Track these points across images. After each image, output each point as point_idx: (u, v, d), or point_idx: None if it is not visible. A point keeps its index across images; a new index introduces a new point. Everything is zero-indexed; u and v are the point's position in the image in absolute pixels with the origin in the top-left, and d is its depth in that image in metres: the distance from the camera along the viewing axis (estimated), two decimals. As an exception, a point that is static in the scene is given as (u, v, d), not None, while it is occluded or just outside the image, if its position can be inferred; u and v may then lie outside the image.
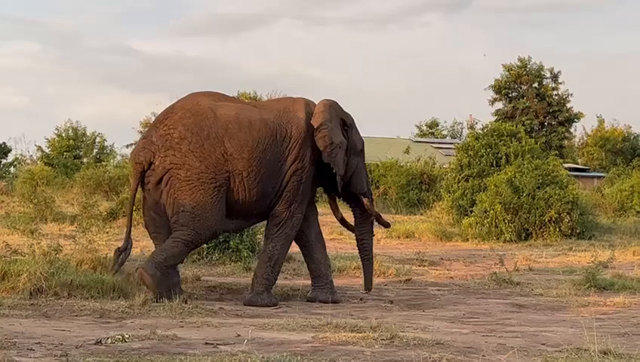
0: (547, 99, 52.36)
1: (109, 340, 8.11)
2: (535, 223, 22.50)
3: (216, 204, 11.13)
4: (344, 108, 12.43)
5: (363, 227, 12.72)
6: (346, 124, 12.32)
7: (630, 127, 54.81)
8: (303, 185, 11.74)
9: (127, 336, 8.24)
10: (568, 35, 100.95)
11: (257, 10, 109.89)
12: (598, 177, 45.85)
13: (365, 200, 12.52)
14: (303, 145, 11.69)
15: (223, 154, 11.12)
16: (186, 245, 11.22)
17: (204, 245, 14.85)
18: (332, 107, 12.12)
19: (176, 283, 11.38)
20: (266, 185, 11.43)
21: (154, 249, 11.75)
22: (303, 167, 11.70)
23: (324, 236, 12.76)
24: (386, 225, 14.15)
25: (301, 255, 13.53)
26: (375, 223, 13.13)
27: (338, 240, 18.91)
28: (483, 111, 79.50)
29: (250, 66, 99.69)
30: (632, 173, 37.91)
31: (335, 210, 12.88)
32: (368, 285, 12.60)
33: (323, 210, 14.84)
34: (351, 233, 12.74)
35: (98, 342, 8.05)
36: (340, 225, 13.54)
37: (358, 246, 12.79)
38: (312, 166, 11.81)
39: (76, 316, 9.84)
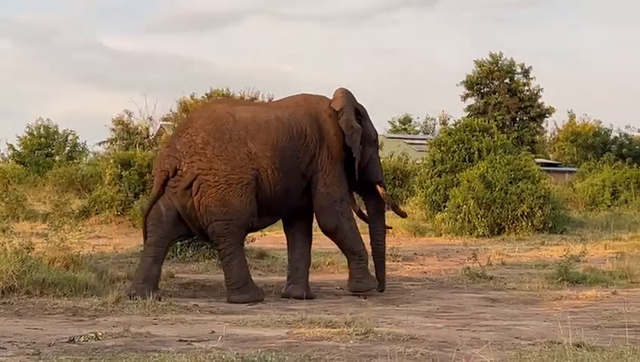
0: (519, 95, 52.61)
1: (82, 338, 8.05)
2: (507, 218, 22.62)
3: (247, 203, 11.37)
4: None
5: (377, 224, 12.94)
6: (360, 114, 12.60)
7: (600, 122, 55.26)
8: (337, 186, 12.08)
9: (100, 334, 8.19)
10: (539, 31, 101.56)
11: (230, 7, 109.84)
12: (570, 172, 46.12)
13: (381, 189, 12.85)
14: (320, 142, 12.02)
15: (247, 154, 11.40)
16: (236, 252, 11.46)
17: (178, 242, 14.88)
18: (349, 95, 12.48)
19: (154, 276, 11.42)
20: (288, 182, 11.71)
21: (145, 241, 11.65)
22: (324, 169, 12.02)
23: None
24: (403, 214, 14.75)
25: (274, 251, 13.56)
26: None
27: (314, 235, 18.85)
28: (455, 107, 79.65)
29: (224, 63, 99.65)
30: (602, 168, 38.19)
31: (352, 203, 12.95)
32: (382, 285, 12.68)
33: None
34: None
35: (71, 340, 7.99)
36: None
37: (371, 244, 12.83)
38: (334, 163, 12.09)
39: (49, 314, 9.77)
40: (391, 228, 15.12)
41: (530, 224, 22.47)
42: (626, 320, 9.22)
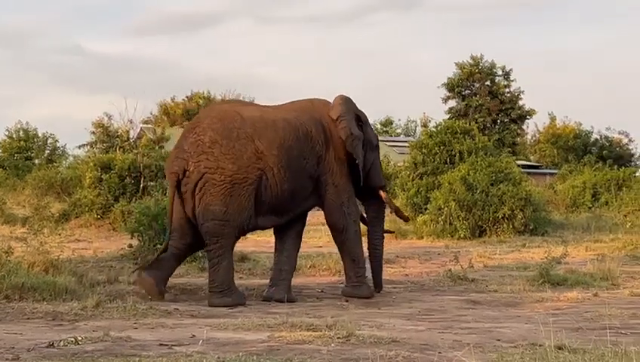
0: (499, 97, 52.78)
1: (62, 343, 7.99)
2: (489, 220, 22.65)
3: (246, 204, 11.39)
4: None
5: (376, 229, 13.12)
6: (361, 120, 12.73)
7: (581, 124, 55.44)
8: (342, 187, 12.24)
9: (80, 339, 8.13)
10: (520, 33, 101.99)
11: (210, 9, 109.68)
12: (551, 174, 46.25)
13: (384, 194, 13.06)
14: (326, 145, 12.16)
15: (254, 153, 11.43)
16: (225, 255, 11.43)
17: (158, 245, 14.82)
18: (348, 101, 12.58)
19: (162, 279, 11.59)
20: (295, 182, 11.77)
21: (167, 246, 11.78)
22: (331, 171, 12.17)
23: None
24: (406, 219, 15.17)
25: (255, 254, 13.53)
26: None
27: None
28: (436, 109, 79.97)
29: (204, 66, 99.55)
30: (583, 170, 38.33)
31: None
32: (380, 287, 12.89)
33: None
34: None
35: (50, 345, 7.93)
36: None
37: (369, 248, 12.97)
38: (340, 165, 12.26)
39: (28, 319, 9.71)
40: (393, 232, 15.25)
41: (511, 226, 22.52)
42: (608, 321, 9.23)
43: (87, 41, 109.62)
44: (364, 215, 13.16)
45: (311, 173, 11.99)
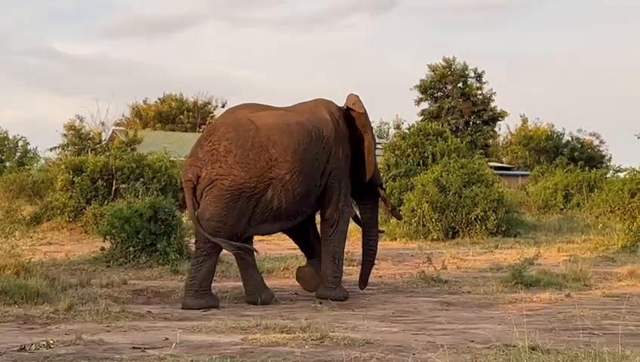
0: (472, 99, 52.99)
1: (33, 346, 7.91)
2: (462, 221, 22.73)
3: (245, 214, 11.49)
4: None
5: (372, 229, 13.35)
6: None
7: (553, 126, 55.79)
8: (344, 183, 12.44)
9: (51, 342, 8.06)
10: (492, 36, 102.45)
11: (183, 12, 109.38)
12: (523, 175, 46.51)
13: (382, 193, 13.44)
14: (335, 144, 12.32)
15: (267, 161, 11.55)
16: (210, 255, 11.54)
17: (131, 248, 14.82)
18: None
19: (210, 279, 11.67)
20: (307, 185, 11.93)
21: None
22: (339, 167, 12.37)
23: (255, 237, 12.79)
24: (399, 217, 15.92)
25: (228, 257, 13.49)
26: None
27: (267, 241, 18.81)
28: (409, 111, 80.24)
29: (177, 68, 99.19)
30: (555, 171, 38.55)
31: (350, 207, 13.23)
32: (364, 283, 13.19)
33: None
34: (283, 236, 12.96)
35: (22, 349, 7.86)
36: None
37: (364, 248, 13.24)
38: (345, 162, 12.50)
39: (-1, 322, 9.61)
40: (383, 231, 15.42)
41: (484, 227, 22.60)
42: (580, 322, 9.28)
43: (61, 43, 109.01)
44: (359, 216, 13.34)
45: (322, 173, 12.18)
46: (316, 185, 12.12)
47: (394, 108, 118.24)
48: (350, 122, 12.72)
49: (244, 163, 11.42)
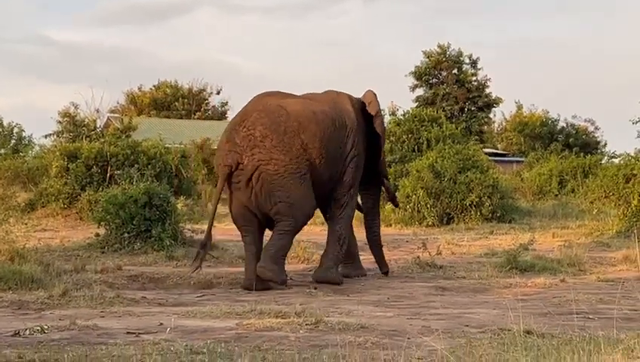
0: (467, 85, 52.98)
1: (28, 331, 7.92)
2: (457, 207, 22.73)
3: (307, 191, 12.08)
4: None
5: (375, 217, 14.07)
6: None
7: (548, 112, 55.74)
8: (359, 170, 13.01)
9: (46, 327, 8.06)
10: (487, 22, 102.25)
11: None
12: (517, 162, 46.51)
13: (387, 183, 14.25)
14: (356, 134, 12.94)
15: (301, 145, 12.04)
16: (291, 233, 12.19)
17: (126, 234, 14.80)
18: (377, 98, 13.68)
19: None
20: (330, 171, 12.50)
21: (243, 240, 12.32)
22: (359, 154, 12.97)
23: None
24: (397, 204, 17.07)
25: (223, 243, 13.48)
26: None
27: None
28: (404, 98, 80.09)
29: (170, 55, 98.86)
30: (550, 158, 38.54)
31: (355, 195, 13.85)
32: (383, 267, 13.69)
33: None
34: None
35: (16, 334, 7.86)
36: None
37: (368, 235, 13.91)
38: (363, 152, 13.10)
39: (-7, 308, 9.60)
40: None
41: (478, 213, 22.59)
42: (575, 306, 9.28)
43: (54, 30, 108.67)
44: (361, 205, 13.94)
45: (343, 160, 12.71)
46: (337, 171, 12.63)
47: (389, 95, 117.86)
48: (366, 115, 13.36)
49: (281, 146, 11.87)
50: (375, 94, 13.62)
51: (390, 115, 34.54)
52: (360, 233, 14.05)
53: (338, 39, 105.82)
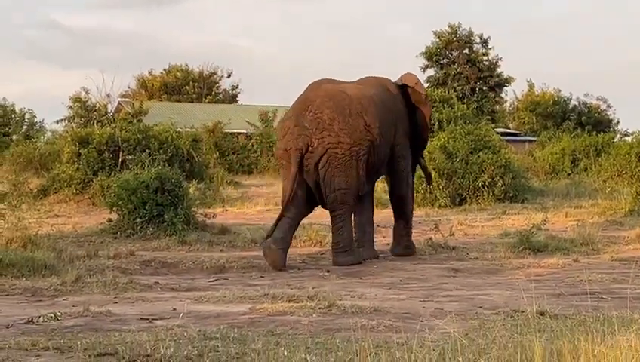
0: (478, 65, 52.78)
1: (41, 318, 7.92)
2: (469, 188, 22.67)
3: (361, 174, 12.68)
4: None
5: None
6: None
7: (560, 91, 55.59)
8: (406, 156, 13.81)
9: (59, 314, 8.06)
10: (497, 0, 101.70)
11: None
12: (530, 141, 46.36)
13: (423, 161, 15.07)
14: (402, 116, 13.72)
15: (364, 126, 12.68)
16: (348, 217, 12.77)
17: (138, 219, 14.82)
18: None
19: (286, 250, 12.42)
20: (384, 151, 13.21)
21: (282, 214, 12.53)
22: (405, 135, 13.74)
23: (262, 207, 13.10)
24: (431, 183, 18.32)
25: (236, 227, 13.47)
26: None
27: (275, 211, 18.79)
28: (415, 79, 79.71)
29: (180, 38, 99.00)
30: (562, 136, 38.41)
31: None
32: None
33: (259, 181, 14.70)
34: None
35: (29, 321, 7.87)
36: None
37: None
38: (407, 133, 13.88)
39: (7, 295, 9.62)
40: None
41: (491, 194, 22.53)
42: (588, 287, 9.24)
43: (64, 15, 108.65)
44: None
45: (392, 143, 13.40)
46: (387, 153, 13.32)
47: (400, 76, 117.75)
48: (406, 97, 13.95)
49: (347, 129, 12.44)
50: (415, 75, 14.38)
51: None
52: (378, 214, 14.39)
53: (348, 21, 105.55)
